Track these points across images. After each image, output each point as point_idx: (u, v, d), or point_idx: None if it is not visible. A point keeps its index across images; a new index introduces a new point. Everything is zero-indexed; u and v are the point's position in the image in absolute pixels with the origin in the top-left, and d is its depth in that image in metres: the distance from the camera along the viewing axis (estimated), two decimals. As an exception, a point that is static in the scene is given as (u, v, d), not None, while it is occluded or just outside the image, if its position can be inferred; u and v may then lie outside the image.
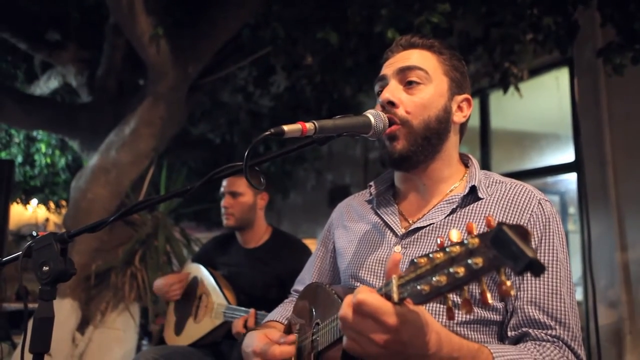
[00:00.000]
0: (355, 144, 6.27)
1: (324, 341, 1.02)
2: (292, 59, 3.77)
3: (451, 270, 0.67)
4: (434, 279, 0.69)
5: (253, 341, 1.17)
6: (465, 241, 0.68)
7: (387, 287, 0.78)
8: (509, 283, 0.64)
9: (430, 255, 0.71)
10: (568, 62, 4.14)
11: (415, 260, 0.73)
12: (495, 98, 4.84)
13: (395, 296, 0.75)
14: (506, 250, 0.62)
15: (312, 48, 3.49)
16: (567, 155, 4.28)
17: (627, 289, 3.58)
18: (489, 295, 0.66)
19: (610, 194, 3.74)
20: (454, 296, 0.71)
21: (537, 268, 0.60)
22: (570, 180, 4.71)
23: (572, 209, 5.43)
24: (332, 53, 3.60)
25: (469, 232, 0.70)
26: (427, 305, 1.06)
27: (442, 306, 1.07)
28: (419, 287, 0.71)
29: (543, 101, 4.65)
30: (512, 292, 1.02)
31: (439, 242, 0.74)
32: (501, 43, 3.27)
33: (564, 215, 5.59)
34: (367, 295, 0.78)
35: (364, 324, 0.79)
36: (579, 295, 4.07)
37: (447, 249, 0.69)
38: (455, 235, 0.71)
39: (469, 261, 0.66)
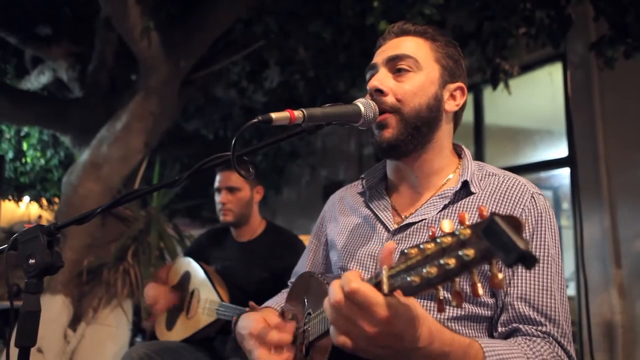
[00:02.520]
0: (350, 139, 6.25)
1: (315, 331, 1.01)
2: (285, 54, 3.74)
3: (442, 261, 0.66)
4: (424, 270, 0.67)
5: (250, 323, 1.15)
6: (457, 232, 0.66)
7: (377, 278, 0.76)
8: (500, 276, 0.63)
9: (421, 246, 0.69)
10: (561, 57, 4.14)
11: (406, 251, 0.72)
12: (489, 94, 4.83)
13: (386, 287, 0.73)
14: (498, 241, 0.60)
15: (305, 42, 3.47)
16: (560, 150, 4.29)
17: (620, 284, 3.59)
18: (479, 287, 0.65)
19: (603, 188, 3.74)
20: (444, 291, 0.70)
21: (529, 260, 0.59)
22: (563, 175, 4.71)
23: (566, 205, 5.44)
24: (325, 48, 3.58)
25: (461, 223, 0.68)
26: (419, 301, 1.05)
27: (432, 303, 1.06)
28: (409, 279, 0.69)
29: (536, 97, 4.65)
30: (504, 285, 1.01)
31: (430, 233, 0.73)
32: (494, 37, 3.26)
33: (557, 210, 5.60)
34: (359, 284, 0.76)
35: (355, 314, 0.76)
36: (572, 289, 4.08)
37: (438, 240, 0.67)
38: (446, 225, 0.70)
39: (460, 252, 0.64)
